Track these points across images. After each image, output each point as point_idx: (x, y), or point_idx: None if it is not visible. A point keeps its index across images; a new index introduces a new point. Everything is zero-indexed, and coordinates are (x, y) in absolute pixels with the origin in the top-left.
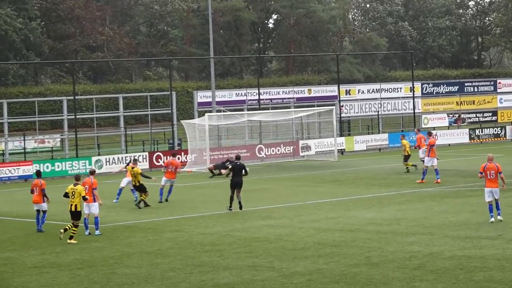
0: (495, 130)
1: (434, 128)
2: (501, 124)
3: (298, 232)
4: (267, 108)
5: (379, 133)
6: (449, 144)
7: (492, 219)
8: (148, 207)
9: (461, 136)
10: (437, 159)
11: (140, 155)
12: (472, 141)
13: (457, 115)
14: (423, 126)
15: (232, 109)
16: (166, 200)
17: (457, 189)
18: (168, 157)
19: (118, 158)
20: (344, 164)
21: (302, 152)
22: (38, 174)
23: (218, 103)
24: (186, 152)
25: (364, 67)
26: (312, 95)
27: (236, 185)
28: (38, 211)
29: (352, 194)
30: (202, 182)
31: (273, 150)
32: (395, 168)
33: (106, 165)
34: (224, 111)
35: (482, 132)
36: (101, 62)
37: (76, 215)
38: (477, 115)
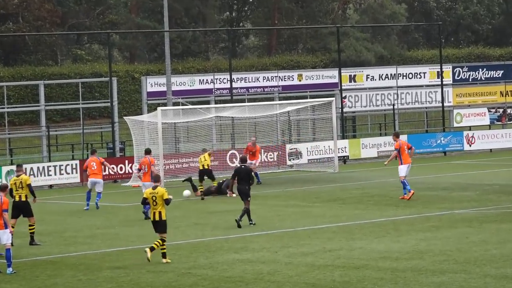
0: None
1: (470, 128)
2: None
3: (285, 269)
4: (242, 101)
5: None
6: (490, 150)
7: None
8: (37, 245)
9: (506, 138)
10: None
11: (68, 164)
12: None
13: (501, 110)
14: (455, 124)
15: (195, 101)
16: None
17: (500, 211)
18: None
19: (39, 168)
20: (347, 176)
21: (290, 160)
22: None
23: (176, 93)
24: (131, 160)
25: (375, 44)
26: (303, 82)
27: (243, 194)
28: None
29: (359, 218)
30: None
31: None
32: (417, 182)
33: None
34: (183, 104)
35: None
36: (14, 37)
37: None
38: None
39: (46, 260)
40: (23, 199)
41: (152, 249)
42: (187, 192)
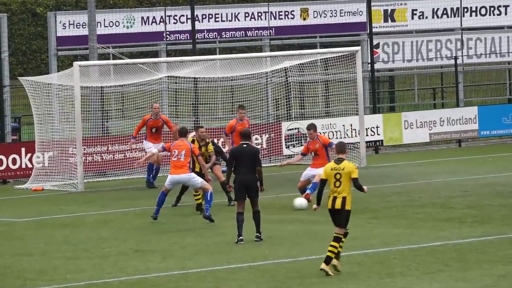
0: None
1: None
2: None
3: None
4: (212, 52)
5: (458, 106)
6: None
7: None
8: None
9: None
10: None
11: None
12: None
13: None
14: None
15: (135, 52)
16: None
17: None
18: None
19: None
20: (380, 174)
21: (288, 147)
22: None
23: (103, 39)
24: (30, 148)
25: None
26: (310, 21)
27: (244, 189)
28: None
29: (400, 241)
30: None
31: (224, 143)
32: (493, 182)
33: None
34: (116, 58)
35: None
36: None
37: None
38: None
39: None
40: None
41: None
42: (300, 202)
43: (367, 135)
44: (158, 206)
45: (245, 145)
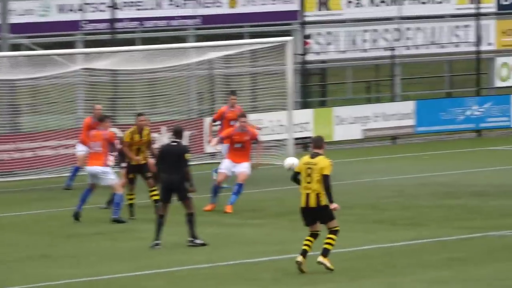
0: None
1: None
2: None
3: None
4: (131, 43)
5: (394, 100)
6: None
7: None
8: None
9: None
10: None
11: None
12: None
13: None
14: (499, 83)
15: (49, 43)
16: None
17: None
18: None
19: None
20: None
21: (214, 144)
22: None
23: (16, 29)
24: None
25: None
26: (238, 10)
27: (168, 191)
28: None
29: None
30: None
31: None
32: (429, 182)
33: None
34: (29, 49)
35: None
36: None
37: None
38: None
39: None
40: None
41: None
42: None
43: (296, 132)
44: (80, 202)
45: (174, 143)
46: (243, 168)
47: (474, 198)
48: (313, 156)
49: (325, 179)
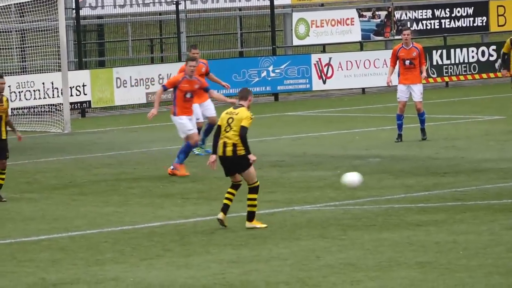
0: None
1: (324, 48)
2: None
3: None
4: None
5: (180, 60)
6: (363, 90)
7: None
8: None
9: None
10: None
11: None
12: None
13: (384, 14)
14: (296, 42)
15: None
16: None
17: (381, 207)
18: None
19: None
20: (87, 140)
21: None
22: None
23: None
24: None
25: None
26: None
27: None
28: None
29: (110, 222)
30: None
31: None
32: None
33: None
34: None
35: None
36: None
37: None
38: None
39: None
40: None
41: None
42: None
43: (71, 95)
44: None
45: None
46: None
47: (274, 170)
48: (236, 107)
49: (242, 130)
